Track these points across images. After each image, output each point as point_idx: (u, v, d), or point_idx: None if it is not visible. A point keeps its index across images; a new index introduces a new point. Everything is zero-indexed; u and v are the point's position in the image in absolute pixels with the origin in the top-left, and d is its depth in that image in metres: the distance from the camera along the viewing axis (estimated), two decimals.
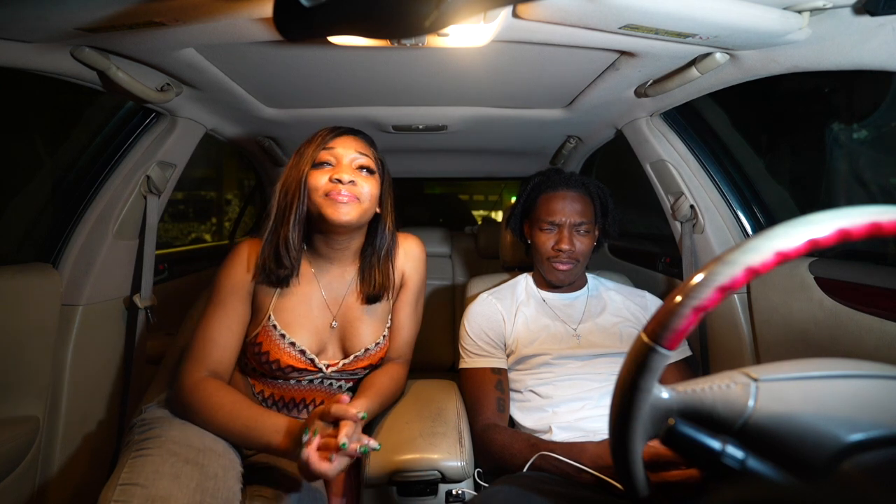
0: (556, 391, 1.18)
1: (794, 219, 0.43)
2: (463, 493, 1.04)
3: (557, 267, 1.30)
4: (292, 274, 1.05)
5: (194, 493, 0.84)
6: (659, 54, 1.01)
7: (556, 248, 1.29)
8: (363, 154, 1.05)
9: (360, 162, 1.04)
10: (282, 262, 1.02)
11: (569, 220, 1.29)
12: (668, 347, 0.44)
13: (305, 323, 1.07)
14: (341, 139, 1.05)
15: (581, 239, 1.30)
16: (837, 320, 1.05)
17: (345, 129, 1.07)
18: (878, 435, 0.41)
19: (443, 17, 0.45)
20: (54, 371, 1.32)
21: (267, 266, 1.03)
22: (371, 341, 1.12)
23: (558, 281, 1.32)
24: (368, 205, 1.03)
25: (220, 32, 0.91)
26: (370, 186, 1.03)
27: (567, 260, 1.29)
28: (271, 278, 1.04)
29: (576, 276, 1.33)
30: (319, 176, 1.00)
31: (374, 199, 1.05)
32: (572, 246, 1.28)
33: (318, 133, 1.06)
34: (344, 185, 0.99)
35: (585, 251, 1.31)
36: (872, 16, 0.77)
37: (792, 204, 1.51)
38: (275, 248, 1.03)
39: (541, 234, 1.33)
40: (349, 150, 1.04)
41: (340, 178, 0.99)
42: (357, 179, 1.01)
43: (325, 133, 1.06)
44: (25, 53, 0.96)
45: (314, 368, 1.07)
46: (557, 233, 1.30)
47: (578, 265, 1.31)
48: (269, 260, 1.03)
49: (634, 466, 0.49)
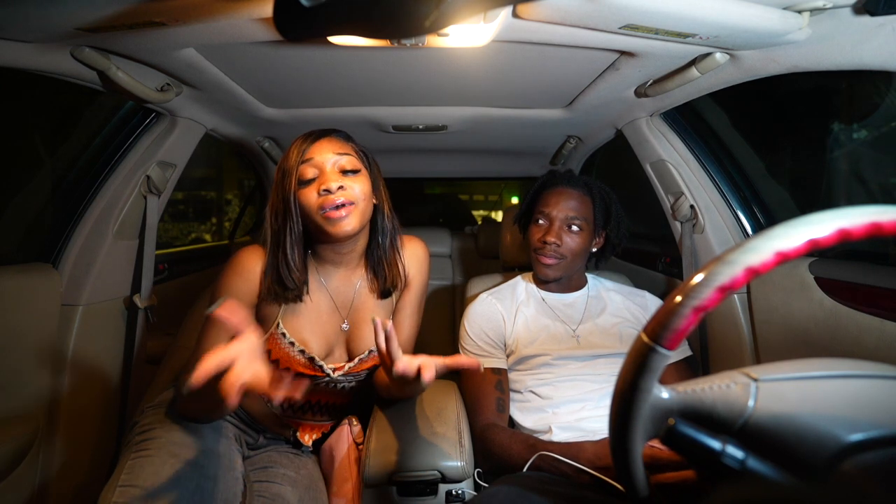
0: (556, 392, 1.18)
1: (794, 219, 0.43)
2: (463, 493, 1.04)
3: (542, 260, 1.28)
4: (302, 292, 1.03)
5: (194, 495, 0.84)
6: (659, 54, 1.01)
7: (542, 241, 1.28)
8: (344, 154, 1.01)
9: (342, 164, 1.00)
10: (286, 284, 1.00)
11: (560, 213, 1.28)
12: (668, 347, 0.44)
13: (315, 329, 1.06)
14: (317, 145, 1.01)
15: (571, 235, 1.28)
16: (837, 320, 1.05)
17: (317, 134, 1.03)
18: (878, 435, 0.41)
19: (443, 17, 0.45)
20: (54, 371, 1.32)
21: (273, 290, 1.01)
22: (374, 343, 1.12)
23: (544, 276, 1.30)
24: (364, 205, 1.01)
25: (220, 32, 0.91)
26: (360, 185, 1.00)
27: (552, 254, 1.27)
28: (280, 300, 1.02)
29: (563, 274, 1.30)
30: (308, 194, 0.97)
31: (368, 196, 1.02)
32: (559, 240, 1.26)
33: (292, 145, 1.02)
34: (334, 193, 0.96)
35: (575, 249, 1.28)
36: (872, 16, 0.77)
37: (792, 204, 1.51)
38: (276, 272, 1.00)
39: (532, 227, 1.33)
40: (328, 154, 1.00)
41: (329, 187, 0.95)
42: (345, 183, 0.98)
43: (299, 143, 1.01)
44: (25, 53, 0.96)
45: (322, 374, 1.07)
46: (548, 226, 1.29)
47: (565, 262, 1.28)
48: (275, 284, 1.01)
49: (634, 466, 0.49)
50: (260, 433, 1.15)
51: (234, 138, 1.73)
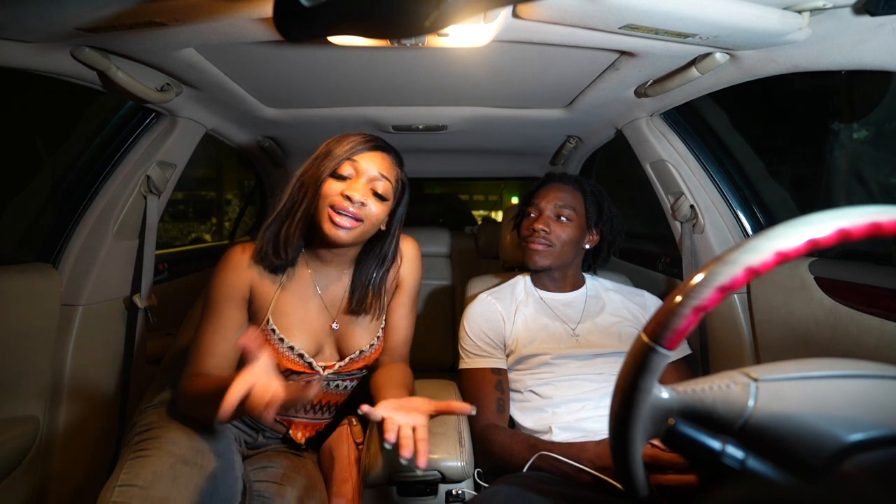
0: (556, 391, 1.18)
1: (794, 219, 0.43)
2: (463, 493, 1.04)
3: (531, 247, 1.31)
4: (286, 265, 1.05)
5: (193, 494, 0.84)
6: (659, 54, 1.01)
7: (531, 228, 1.31)
8: (384, 178, 1.02)
9: (377, 185, 1.01)
10: (279, 252, 1.02)
11: (549, 204, 1.32)
12: (668, 347, 0.44)
13: (304, 326, 1.07)
14: (370, 154, 1.02)
15: (561, 225, 1.30)
16: (837, 320, 1.05)
17: (376, 145, 1.04)
18: (878, 435, 0.41)
19: (443, 17, 0.45)
20: (54, 371, 1.32)
21: (265, 249, 1.02)
22: (366, 343, 1.13)
23: (533, 264, 1.31)
24: (369, 227, 1.02)
25: (220, 32, 0.91)
26: (378, 210, 1.01)
27: (541, 241, 1.29)
28: (265, 262, 1.03)
29: (552, 263, 1.31)
30: (334, 185, 0.99)
31: (378, 222, 1.04)
32: (546, 227, 1.29)
33: (351, 137, 1.03)
34: (353, 203, 0.97)
35: (564, 238, 1.30)
36: (872, 16, 0.77)
37: (792, 204, 1.51)
38: (276, 236, 1.02)
39: (524, 221, 1.37)
40: (372, 168, 1.01)
41: (351, 196, 0.97)
42: (367, 201, 0.99)
43: (357, 141, 1.02)
44: (25, 53, 0.96)
45: (312, 371, 1.07)
46: (538, 215, 1.33)
47: (554, 250, 1.29)
48: (268, 244, 1.02)
49: (634, 466, 0.49)
50: (259, 433, 1.15)
51: (234, 138, 1.73)
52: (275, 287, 1.05)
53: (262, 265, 1.04)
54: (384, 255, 1.12)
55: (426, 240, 2.20)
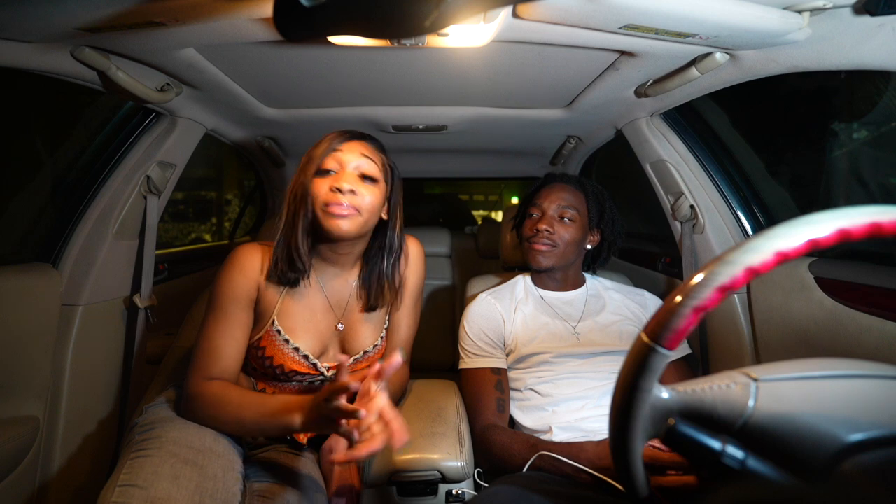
0: (556, 389, 1.18)
1: (794, 219, 0.43)
2: (463, 493, 1.04)
3: (534, 247, 1.31)
4: (302, 276, 1.05)
5: (193, 494, 0.84)
6: (659, 54, 1.01)
7: (534, 228, 1.32)
8: (368, 158, 1.03)
9: (363, 169, 1.02)
10: (294, 265, 1.02)
11: (552, 204, 1.32)
12: (668, 347, 0.44)
13: (309, 327, 1.07)
14: (348, 143, 1.03)
15: (564, 226, 1.30)
16: (837, 320, 1.05)
17: (352, 134, 1.05)
18: (878, 435, 0.41)
19: (443, 17, 0.45)
20: (54, 371, 1.32)
21: (279, 267, 1.02)
22: (370, 343, 1.13)
23: (536, 264, 1.32)
24: (369, 216, 1.02)
25: (220, 32, 0.91)
26: (372, 196, 1.01)
27: (545, 241, 1.29)
28: (282, 279, 1.03)
29: (555, 263, 1.31)
30: (321, 184, 0.99)
31: (375, 209, 1.03)
32: (550, 227, 1.29)
33: (325, 137, 1.04)
34: (343, 194, 0.97)
35: (567, 238, 1.30)
36: (872, 16, 0.77)
37: (792, 204, 1.51)
38: (287, 251, 1.03)
39: (526, 222, 1.37)
40: (354, 154, 1.02)
41: (340, 186, 0.97)
42: (358, 188, 0.99)
43: (332, 137, 1.04)
44: (25, 53, 0.96)
45: (316, 372, 1.07)
46: (541, 216, 1.33)
47: (557, 250, 1.30)
48: (282, 261, 1.02)
49: (634, 466, 0.49)
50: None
51: (234, 138, 1.73)
52: (281, 288, 1.05)
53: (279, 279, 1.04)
54: (390, 245, 1.12)
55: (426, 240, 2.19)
